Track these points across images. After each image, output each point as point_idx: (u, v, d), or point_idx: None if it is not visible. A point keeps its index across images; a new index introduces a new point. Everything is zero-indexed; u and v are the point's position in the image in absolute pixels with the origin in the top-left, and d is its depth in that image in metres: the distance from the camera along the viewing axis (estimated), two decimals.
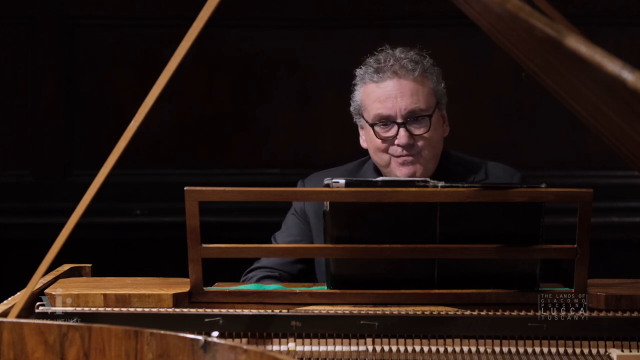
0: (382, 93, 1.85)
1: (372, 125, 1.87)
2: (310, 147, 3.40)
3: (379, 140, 1.87)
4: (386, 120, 1.85)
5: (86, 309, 1.42)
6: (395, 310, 1.41)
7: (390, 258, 1.49)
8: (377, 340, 1.38)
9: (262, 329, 1.40)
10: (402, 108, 1.84)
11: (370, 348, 1.38)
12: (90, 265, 1.71)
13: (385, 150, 1.87)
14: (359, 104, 1.93)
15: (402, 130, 1.84)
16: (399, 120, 1.84)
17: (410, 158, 1.86)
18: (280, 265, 1.91)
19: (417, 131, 1.85)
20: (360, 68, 1.92)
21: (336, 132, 3.20)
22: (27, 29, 3.39)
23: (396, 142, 1.85)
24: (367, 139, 1.94)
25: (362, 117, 1.92)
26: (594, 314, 1.40)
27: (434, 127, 1.87)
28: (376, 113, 1.86)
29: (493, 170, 1.98)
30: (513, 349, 1.38)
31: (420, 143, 1.86)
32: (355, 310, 1.41)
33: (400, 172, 1.86)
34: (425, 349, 1.38)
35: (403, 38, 2.23)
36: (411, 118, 1.84)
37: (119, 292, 1.43)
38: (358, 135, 1.99)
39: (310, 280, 1.89)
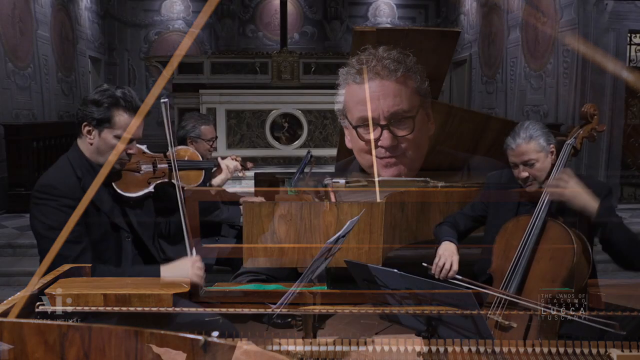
0: (365, 94, 1.79)
1: (355, 128, 1.82)
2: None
3: (363, 142, 1.80)
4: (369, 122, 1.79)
5: (86, 308, 1.42)
6: (395, 310, 1.41)
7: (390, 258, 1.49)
8: (377, 340, 1.38)
9: (262, 329, 1.39)
10: (384, 110, 1.76)
11: (370, 348, 1.37)
12: (90, 265, 1.70)
13: (369, 152, 1.82)
14: (342, 104, 1.87)
15: (385, 132, 1.77)
16: (382, 122, 1.77)
17: (393, 160, 1.81)
18: (265, 269, 1.88)
19: (401, 132, 1.79)
20: (343, 68, 1.86)
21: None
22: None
23: (379, 144, 1.79)
24: (351, 139, 1.88)
25: (346, 118, 1.86)
26: (594, 314, 1.40)
27: (418, 128, 1.80)
28: (359, 115, 1.79)
29: (478, 164, 1.95)
30: (513, 349, 1.37)
31: (404, 144, 1.80)
32: (355, 310, 1.41)
33: (384, 173, 1.81)
34: (425, 349, 1.37)
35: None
36: (394, 120, 1.79)
37: (119, 292, 1.43)
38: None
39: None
